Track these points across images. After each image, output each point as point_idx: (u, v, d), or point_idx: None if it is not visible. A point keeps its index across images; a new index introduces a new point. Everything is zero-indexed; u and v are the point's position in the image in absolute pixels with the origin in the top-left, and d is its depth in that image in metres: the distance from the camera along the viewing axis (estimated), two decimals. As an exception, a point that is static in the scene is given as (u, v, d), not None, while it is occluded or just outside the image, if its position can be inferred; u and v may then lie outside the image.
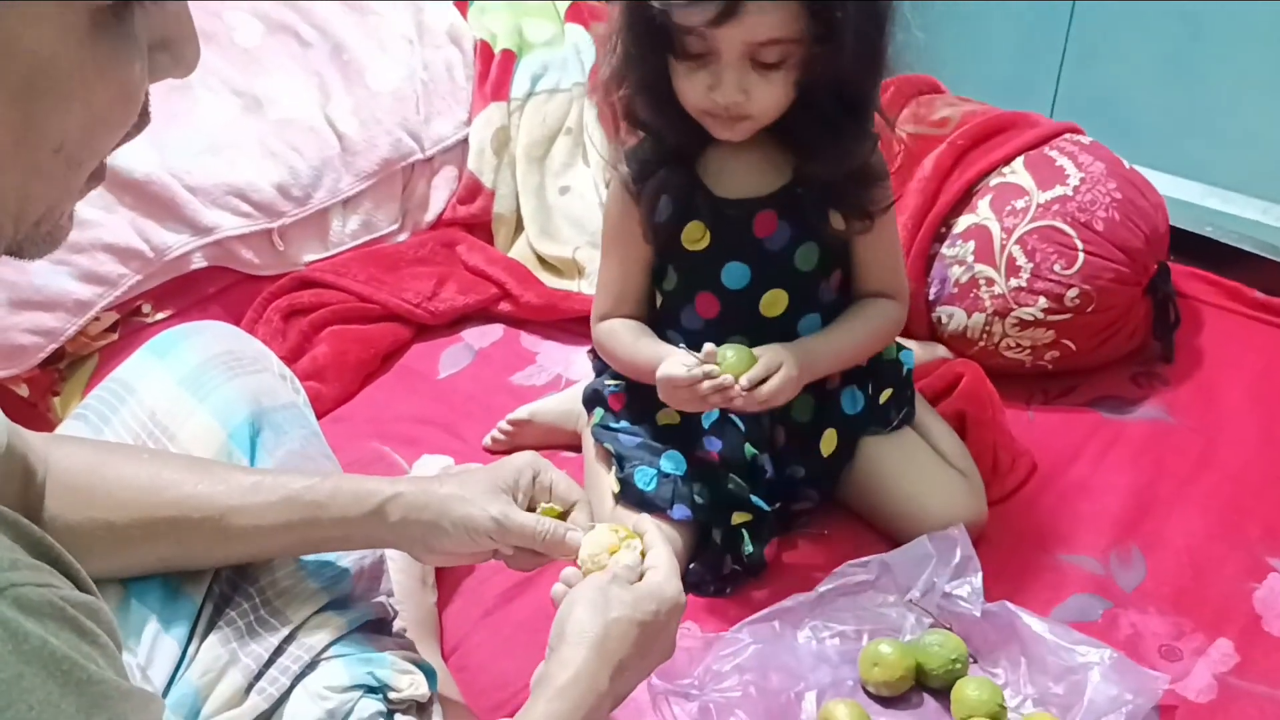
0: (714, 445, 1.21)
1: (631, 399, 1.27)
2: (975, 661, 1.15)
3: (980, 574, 1.17)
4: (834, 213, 1.17)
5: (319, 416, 1.17)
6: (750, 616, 1.16)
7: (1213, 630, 1.18)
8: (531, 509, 0.94)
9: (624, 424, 1.27)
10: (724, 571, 1.23)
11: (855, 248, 1.21)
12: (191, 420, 1.00)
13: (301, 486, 0.91)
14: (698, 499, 1.21)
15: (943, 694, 1.12)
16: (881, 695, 1.12)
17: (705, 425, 1.22)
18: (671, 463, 1.23)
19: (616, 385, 1.28)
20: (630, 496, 1.21)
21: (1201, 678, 1.13)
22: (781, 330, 1.21)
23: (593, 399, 1.31)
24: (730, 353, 1.13)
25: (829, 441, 1.25)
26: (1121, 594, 1.23)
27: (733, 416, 1.21)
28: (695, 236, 1.19)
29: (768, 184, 1.18)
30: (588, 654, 0.81)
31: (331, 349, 1.53)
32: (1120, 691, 1.06)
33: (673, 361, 1.13)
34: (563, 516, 0.95)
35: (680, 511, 1.20)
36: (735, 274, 1.20)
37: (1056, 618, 1.17)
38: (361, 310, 1.59)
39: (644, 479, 1.22)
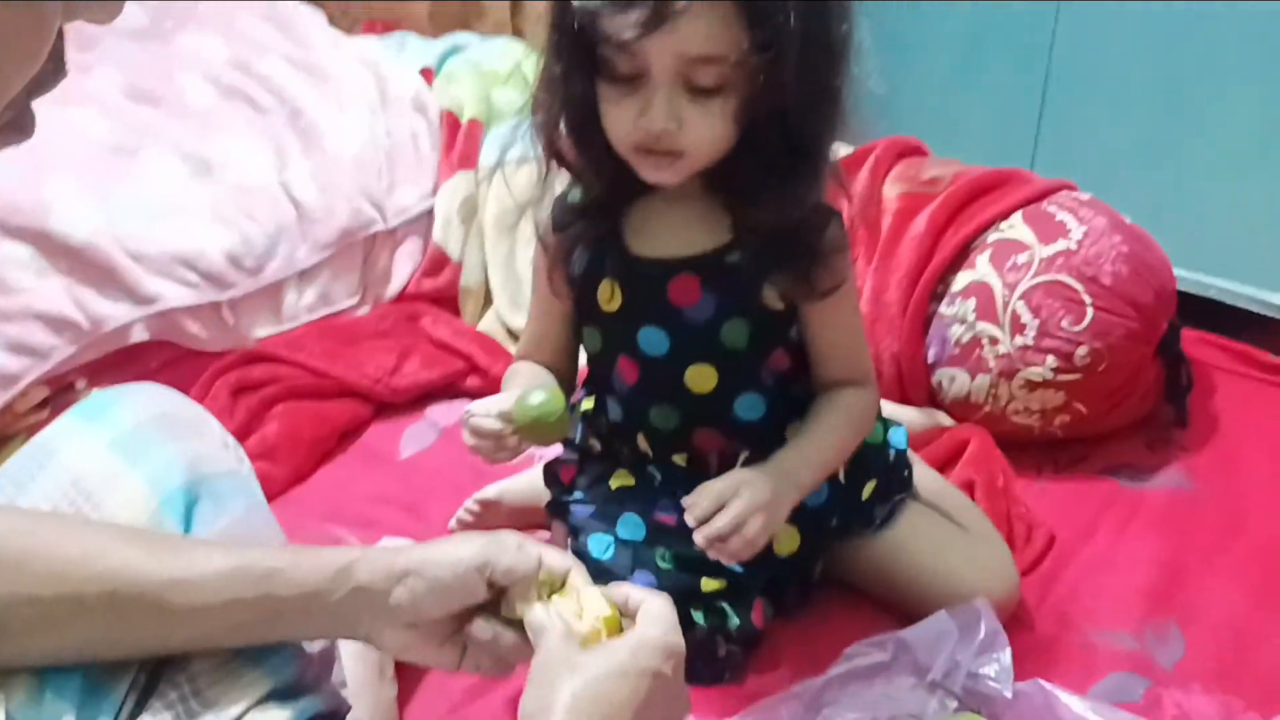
0: (668, 512, 1.10)
1: (583, 467, 1.17)
2: (1007, 750, 1.02)
3: (1009, 650, 1.05)
4: (769, 288, 1.03)
5: (268, 499, 1.05)
6: (753, 705, 1.04)
7: (1266, 708, 1.07)
8: (497, 601, 0.82)
9: (577, 494, 1.16)
10: (719, 655, 1.10)
11: (809, 332, 1.07)
12: (120, 486, 0.88)
13: (256, 555, 0.80)
14: (661, 564, 1.09)
15: (973, 787, 0.99)
16: (905, 790, 0.99)
17: (656, 487, 1.11)
18: (628, 528, 1.11)
19: (568, 457, 1.18)
20: (588, 568, 1.09)
21: (1261, 761, 1.02)
22: (715, 410, 1.08)
23: (548, 475, 1.20)
24: (537, 397, 0.98)
25: (786, 541, 1.12)
26: (1162, 672, 1.12)
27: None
28: (607, 296, 1.07)
29: (694, 245, 1.03)
30: None
31: (283, 427, 1.42)
32: (1177, 778, 0.93)
33: (481, 402, 1.02)
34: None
35: (643, 578, 1.08)
36: (652, 340, 1.07)
37: (1093, 699, 1.05)
38: (317, 386, 1.48)
39: (599, 547, 1.10)
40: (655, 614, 0.77)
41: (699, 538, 0.98)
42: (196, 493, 0.91)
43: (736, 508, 0.98)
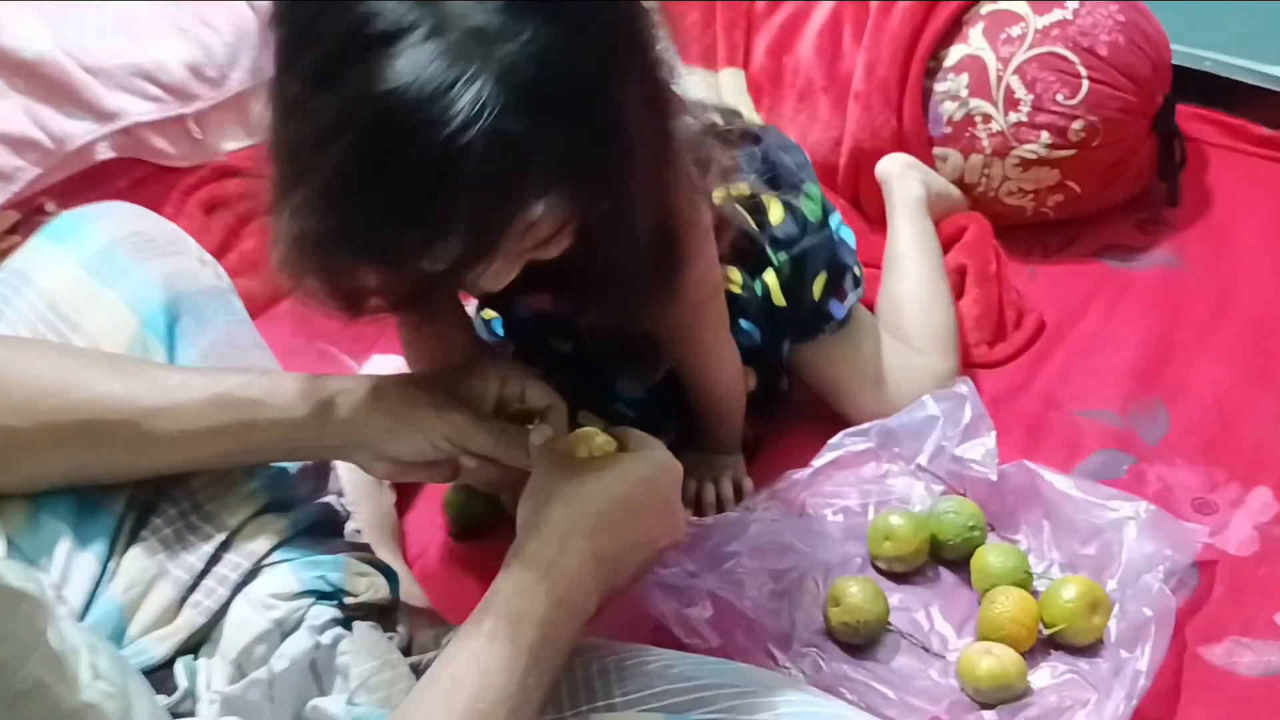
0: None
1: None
2: (993, 529, 1.05)
3: (994, 433, 1.07)
4: None
5: (252, 317, 1.03)
6: (745, 500, 1.06)
7: (1248, 479, 1.09)
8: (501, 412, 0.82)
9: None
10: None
11: None
12: (99, 308, 0.86)
13: (235, 383, 0.78)
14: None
15: (960, 565, 1.02)
16: (894, 571, 1.02)
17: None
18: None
19: None
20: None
21: (1241, 529, 1.05)
22: None
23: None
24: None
25: (749, 382, 1.08)
26: (1146, 448, 1.14)
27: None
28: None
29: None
30: (559, 514, 0.70)
31: (262, 242, 1.36)
32: (1157, 548, 0.96)
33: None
34: (530, 418, 0.82)
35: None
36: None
37: (1077, 476, 1.07)
38: (294, 198, 1.45)
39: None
40: (653, 440, 0.77)
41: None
42: (177, 311, 0.89)
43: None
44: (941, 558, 1.03)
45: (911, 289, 1.20)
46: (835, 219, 1.12)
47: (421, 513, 1.11)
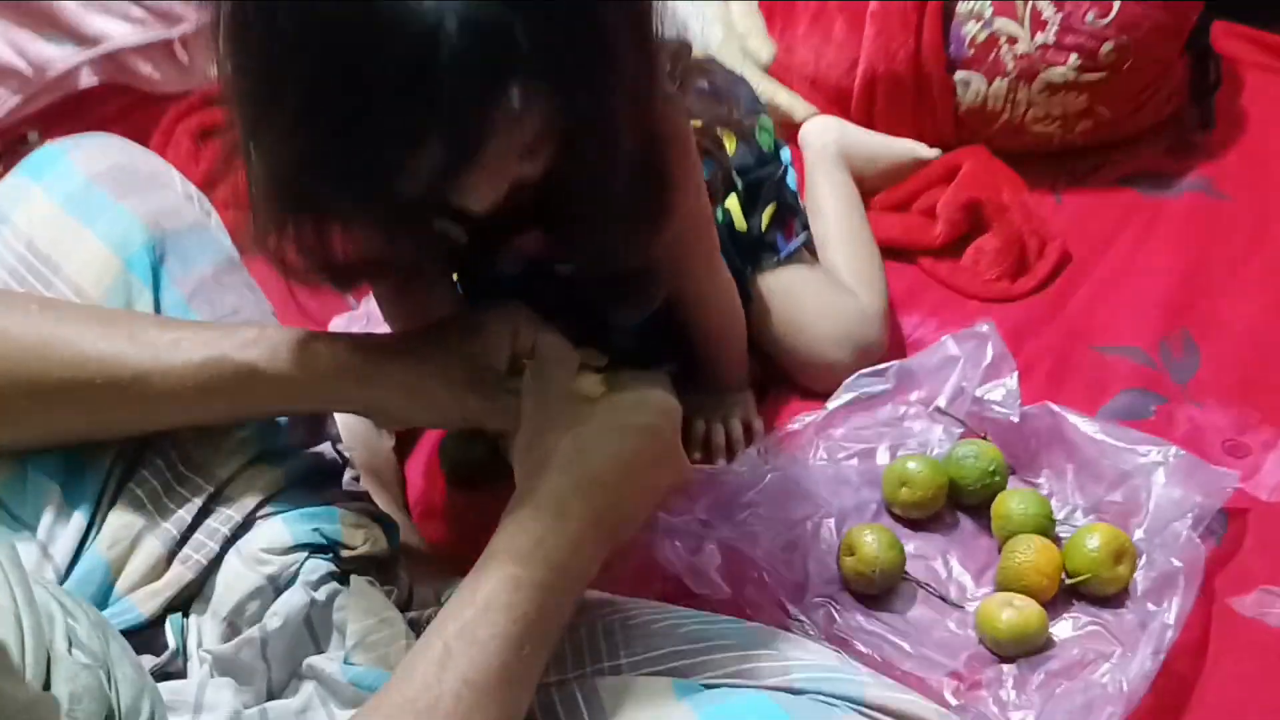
0: None
1: None
2: (1014, 473, 1.01)
3: (1016, 374, 1.03)
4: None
5: (243, 254, 0.98)
6: (756, 442, 1.02)
7: (1283, 420, 1.05)
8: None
9: None
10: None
11: None
12: (79, 248, 0.82)
13: (231, 345, 0.74)
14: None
15: (980, 511, 0.98)
16: (911, 517, 0.99)
17: None
18: None
19: None
20: None
21: (1274, 474, 1.01)
22: None
23: None
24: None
25: None
26: (1175, 387, 1.09)
27: None
28: None
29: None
30: (554, 479, 0.66)
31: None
32: (1186, 494, 0.92)
33: None
34: None
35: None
36: None
37: (1103, 418, 1.03)
38: (287, 126, 1.40)
39: None
40: (651, 378, 0.73)
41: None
42: (162, 250, 0.85)
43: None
44: (960, 503, 0.99)
45: (833, 230, 1.16)
46: (786, 154, 1.11)
47: (423, 458, 1.08)
